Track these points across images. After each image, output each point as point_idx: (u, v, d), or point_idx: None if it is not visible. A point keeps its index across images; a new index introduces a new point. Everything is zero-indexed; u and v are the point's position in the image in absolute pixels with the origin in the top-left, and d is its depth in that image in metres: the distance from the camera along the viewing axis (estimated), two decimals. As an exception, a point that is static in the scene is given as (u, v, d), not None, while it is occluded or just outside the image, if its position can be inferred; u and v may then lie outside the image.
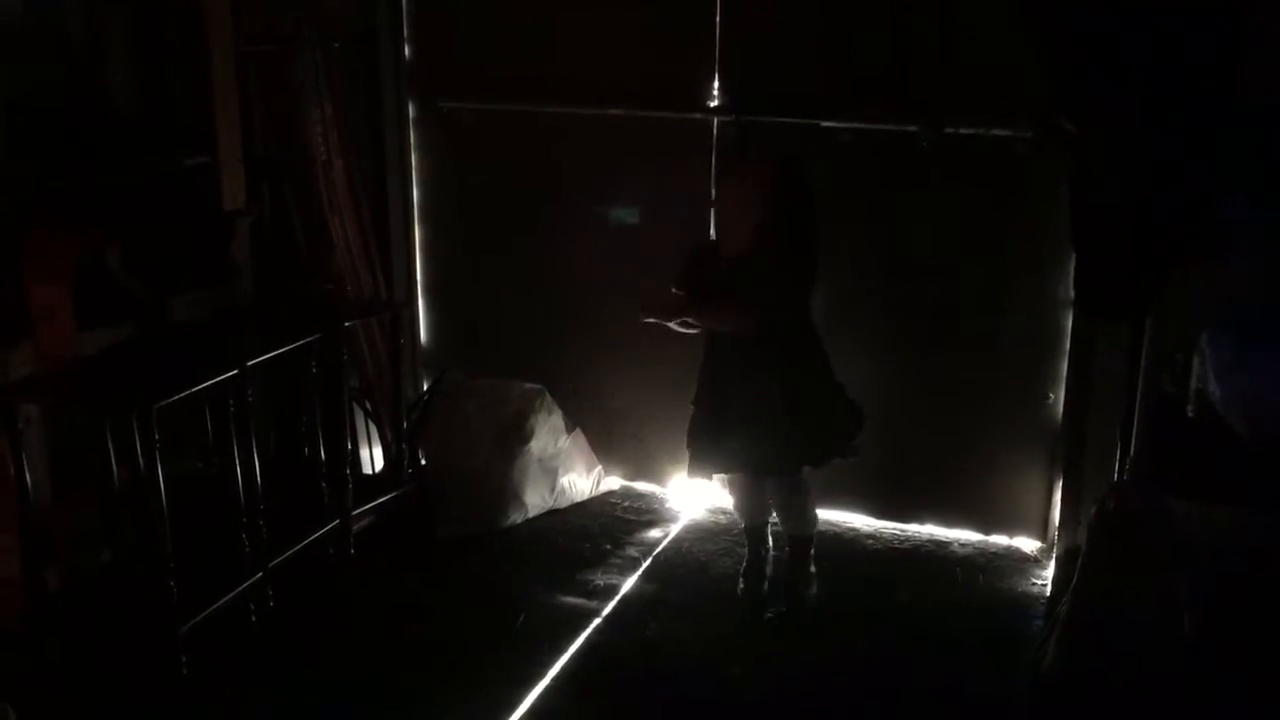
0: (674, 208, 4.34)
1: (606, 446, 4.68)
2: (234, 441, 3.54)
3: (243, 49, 3.96)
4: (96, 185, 3.58)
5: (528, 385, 4.48)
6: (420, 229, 4.75)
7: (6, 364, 3.33)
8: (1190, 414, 2.99)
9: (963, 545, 4.26)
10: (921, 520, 4.37)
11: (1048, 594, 3.88)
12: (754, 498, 3.77)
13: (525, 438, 4.34)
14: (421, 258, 4.78)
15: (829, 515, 4.42)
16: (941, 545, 4.27)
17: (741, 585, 3.83)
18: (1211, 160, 2.74)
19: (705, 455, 3.65)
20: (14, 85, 3.40)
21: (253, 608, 3.61)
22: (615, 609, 3.82)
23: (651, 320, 3.53)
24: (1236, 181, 2.76)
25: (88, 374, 3.46)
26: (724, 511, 4.37)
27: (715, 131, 4.26)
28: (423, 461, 4.46)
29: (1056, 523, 4.10)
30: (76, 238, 3.55)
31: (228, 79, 3.88)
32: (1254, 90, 2.77)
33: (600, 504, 4.59)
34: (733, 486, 3.81)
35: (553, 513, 4.47)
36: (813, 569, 3.80)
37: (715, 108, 4.24)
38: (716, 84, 4.23)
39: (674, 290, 3.60)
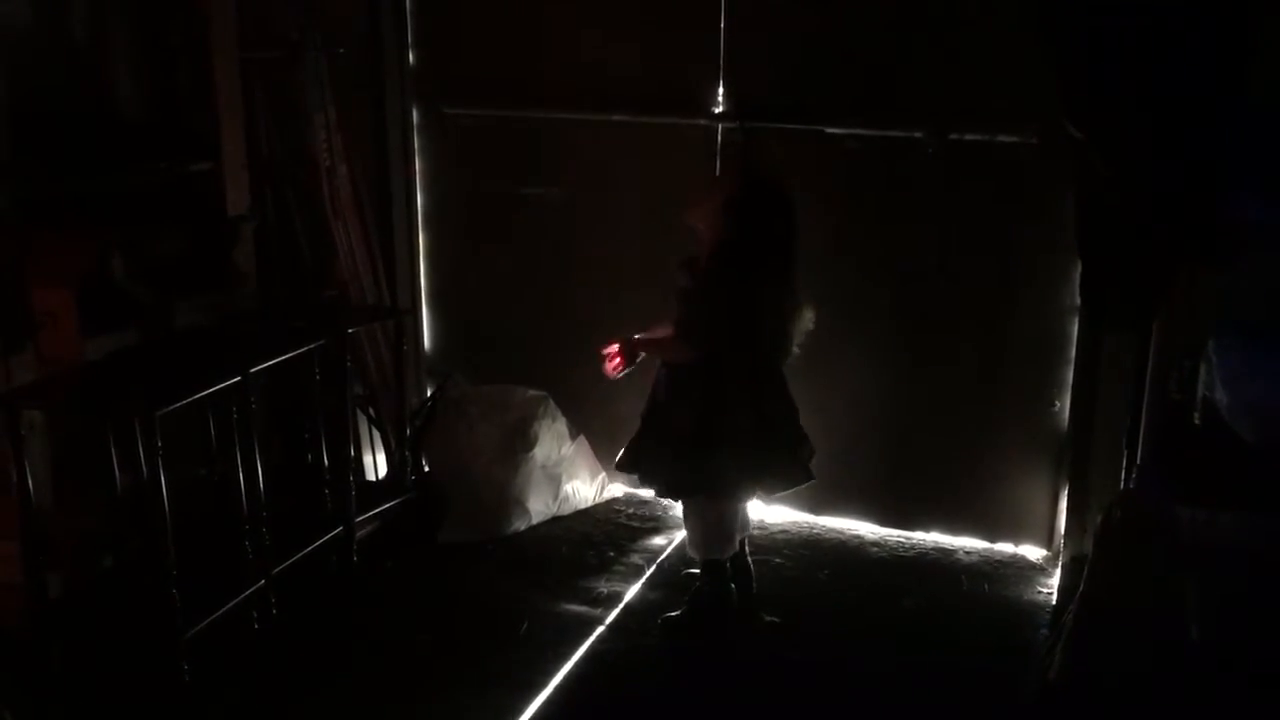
0: (677, 214, 4.33)
1: (610, 453, 4.66)
2: (237, 448, 3.54)
3: (247, 54, 3.97)
4: (101, 190, 3.59)
5: (531, 391, 4.47)
6: (424, 235, 4.75)
7: (10, 369, 3.32)
8: (1196, 421, 2.98)
9: (968, 553, 4.25)
10: (926, 528, 4.35)
11: (1053, 602, 3.86)
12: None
13: (529, 444, 4.33)
14: (425, 264, 4.78)
15: (833, 523, 4.42)
16: (947, 553, 4.25)
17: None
18: (1219, 163, 2.72)
19: (632, 457, 3.70)
20: (19, 90, 3.40)
21: (255, 615, 3.60)
22: (619, 617, 3.81)
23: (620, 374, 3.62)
24: (1245, 183, 2.74)
25: (91, 380, 3.45)
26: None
27: (720, 138, 4.25)
28: (426, 468, 4.45)
29: (1062, 530, 4.09)
30: (80, 243, 3.55)
31: (232, 84, 3.88)
32: (1262, 90, 2.75)
33: (604, 511, 4.58)
34: None
35: (556, 520, 4.46)
36: (705, 589, 3.71)
37: (720, 114, 4.23)
38: (721, 90, 4.22)
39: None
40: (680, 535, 4.35)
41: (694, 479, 3.54)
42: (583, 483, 4.54)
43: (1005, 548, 4.26)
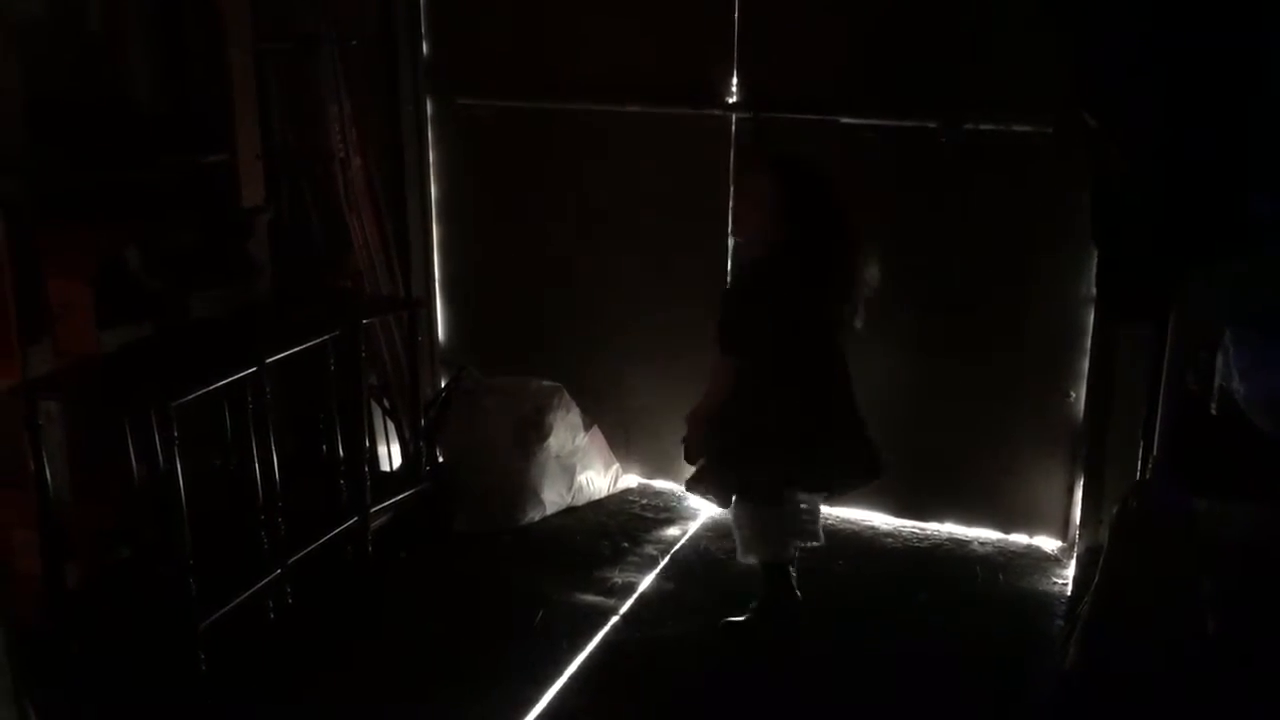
0: (692, 204, 4.33)
1: (624, 444, 4.67)
2: (252, 439, 3.55)
3: (261, 47, 3.97)
4: (116, 182, 3.59)
5: (545, 383, 4.48)
6: (438, 226, 4.76)
7: (27, 361, 3.34)
8: (1213, 412, 2.96)
9: (983, 544, 4.24)
10: (941, 519, 4.35)
11: (1069, 593, 3.86)
12: None
13: (543, 435, 4.34)
14: (439, 255, 4.79)
15: (848, 514, 4.41)
16: (961, 544, 4.25)
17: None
18: (1238, 154, 2.71)
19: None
20: (35, 82, 3.42)
21: (271, 605, 3.62)
22: (633, 607, 3.81)
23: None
24: (1264, 175, 2.72)
25: (107, 371, 3.47)
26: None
27: (734, 128, 4.24)
28: (440, 459, 4.46)
29: (1077, 522, 4.08)
30: (96, 235, 3.56)
31: (246, 77, 3.88)
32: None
33: (618, 502, 4.58)
34: None
35: (570, 510, 4.47)
36: (773, 597, 3.63)
37: (733, 104, 4.23)
38: (735, 80, 4.21)
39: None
40: (694, 526, 4.36)
41: (736, 482, 3.50)
42: (596, 473, 4.55)
43: (1020, 539, 4.25)
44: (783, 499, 3.52)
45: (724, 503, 3.61)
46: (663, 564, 4.09)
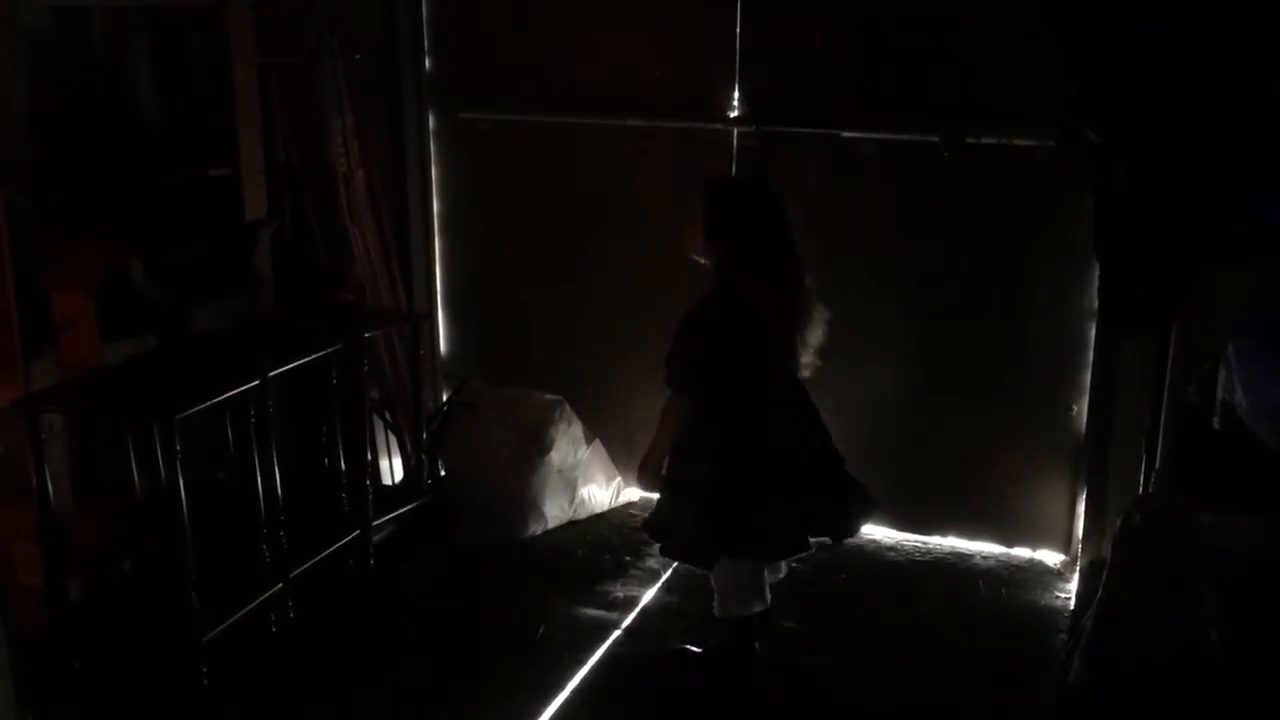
0: (693, 218, 4.33)
1: (626, 457, 4.67)
2: (255, 452, 3.55)
3: (265, 60, 3.99)
4: (120, 195, 3.61)
5: (547, 396, 4.48)
6: (440, 240, 4.76)
7: (30, 373, 3.34)
8: (1216, 425, 2.97)
9: (985, 558, 4.23)
10: (943, 532, 4.34)
11: (1072, 607, 3.85)
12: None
13: (545, 448, 4.34)
14: (441, 268, 4.80)
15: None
16: (963, 558, 4.24)
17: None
18: (1240, 166, 2.71)
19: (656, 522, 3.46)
20: (40, 95, 3.43)
21: (273, 618, 3.62)
22: (635, 621, 3.81)
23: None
24: (1265, 187, 2.73)
25: (110, 384, 3.48)
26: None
27: (735, 142, 4.25)
28: (442, 472, 4.46)
29: (1080, 535, 4.07)
30: (100, 247, 3.57)
31: (250, 90, 3.90)
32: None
33: (620, 515, 4.58)
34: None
35: (572, 524, 4.46)
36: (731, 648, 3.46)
37: (735, 118, 4.24)
38: (736, 94, 4.22)
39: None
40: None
41: (719, 542, 3.27)
42: (598, 487, 4.54)
43: (1023, 552, 4.24)
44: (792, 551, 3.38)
45: (709, 564, 3.36)
46: (665, 577, 4.08)
